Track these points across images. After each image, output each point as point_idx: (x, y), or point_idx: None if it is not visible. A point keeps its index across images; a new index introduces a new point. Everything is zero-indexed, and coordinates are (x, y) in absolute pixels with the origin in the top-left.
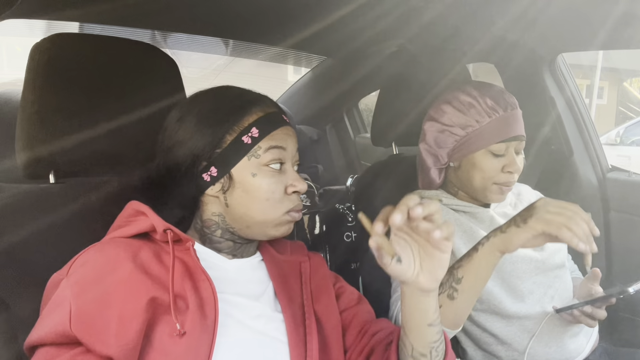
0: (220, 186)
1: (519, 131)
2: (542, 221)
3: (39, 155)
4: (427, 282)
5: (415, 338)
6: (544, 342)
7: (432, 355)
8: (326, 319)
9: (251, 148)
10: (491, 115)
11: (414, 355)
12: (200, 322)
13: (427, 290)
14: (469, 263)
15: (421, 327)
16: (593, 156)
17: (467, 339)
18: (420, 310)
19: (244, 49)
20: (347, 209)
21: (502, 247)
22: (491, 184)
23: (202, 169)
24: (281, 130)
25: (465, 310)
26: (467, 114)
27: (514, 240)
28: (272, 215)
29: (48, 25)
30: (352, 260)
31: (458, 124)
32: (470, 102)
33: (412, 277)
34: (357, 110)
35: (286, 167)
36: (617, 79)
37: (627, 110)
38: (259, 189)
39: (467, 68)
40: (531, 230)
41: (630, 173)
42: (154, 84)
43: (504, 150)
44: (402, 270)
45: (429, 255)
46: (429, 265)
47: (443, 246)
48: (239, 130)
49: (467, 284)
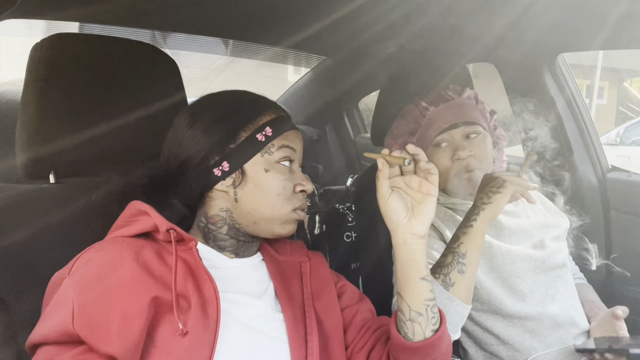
0: (232, 181)
1: (458, 118)
2: (512, 186)
3: (39, 155)
4: (418, 225)
5: (411, 295)
6: (546, 344)
7: (428, 315)
8: (327, 317)
9: (264, 145)
10: (425, 114)
11: (412, 317)
12: (203, 322)
13: (418, 233)
14: (468, 238)
15: (415, 280)
16: (593, 156)
17: (468, 339)
18: (413, 262)
19: (244, 49)
20: (347, 209)
21: (491, 214)
22: (452, 176)
23: (214, 163)
24: (292, 133)
25: (473, 281)
26: (408, 119)
27: (500, 205)
28: (280, 211)
29: (48, 25)
30: (352, 260)
31: (407, 131)
32: (410, 109)
33: (404, 219)
34: (357, 110)
35: (294, 167)
36: (617, 79)
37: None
38: (271, 183)
39: (467, 68)
40: (508, 193)
41: (630, 173)
42: (154, 84)
43: (449, 140)
44: (396, 207)
45: (419, 202)
46: (419, 209)
47: (432, 187)
48: (253, 128)
49: (472, 256)
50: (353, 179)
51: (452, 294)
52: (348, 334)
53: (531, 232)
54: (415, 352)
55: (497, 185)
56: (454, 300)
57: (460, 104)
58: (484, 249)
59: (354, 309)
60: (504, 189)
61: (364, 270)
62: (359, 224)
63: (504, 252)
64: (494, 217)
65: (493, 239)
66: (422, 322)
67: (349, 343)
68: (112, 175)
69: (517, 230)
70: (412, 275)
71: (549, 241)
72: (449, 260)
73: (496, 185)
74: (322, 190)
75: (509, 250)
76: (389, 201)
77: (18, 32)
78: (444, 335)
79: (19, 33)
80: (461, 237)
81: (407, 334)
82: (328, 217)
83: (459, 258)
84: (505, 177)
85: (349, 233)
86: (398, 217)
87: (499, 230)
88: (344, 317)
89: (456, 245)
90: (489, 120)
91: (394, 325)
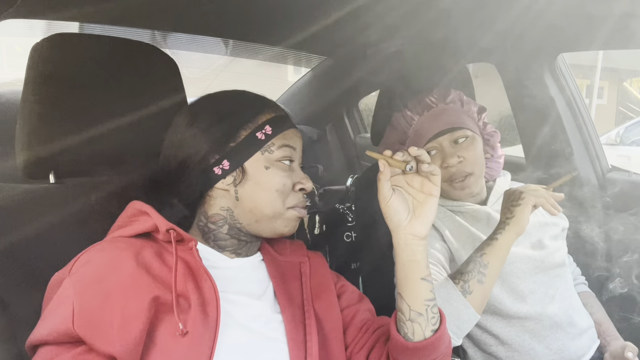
0: (232, 179)
1: (443, 126)
2: (532, 197)
3: (38, 155)
4: (419, 226)
5: (411, 296)
6: (545, 344)
7: (428, 315)
8: (326, 317)
9: (265, 144)
10: (411, 123)
11: (412, 317)
12: (202, 322)
13: (419, 234)
14: (492, 250)
15: (416, 281)
16: (593, 156)
17: (467, 339)
18: (414, 262)
19: (244, 49)
20: (347, 209)
21: (517, 228)
22: (445, 183)
23: (214, 162)
24: (292, 132)
25: (489, 291)
26: (397, 129)
27: (523, 217)
28: (280, 207)
29: (48, 25)
30: (352, 260)
31: (397, 140)
32: (398, 118)
33: (405, 220)
34: (357, 110)
35: (294, 165)
36: (617, 79)
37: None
38: (271, 180)
39: (467, 68)
40: (527, 204)
41: (630, 173)
42: (154, 84)
43: (438, 147)
44: (398, 208)
45: (421, 202)
46: (421, 210)
47: (434, 187)
48: (253, 126)
49: (493, 267)
50: (353, 179)
51: (469, 302)
52: (347, 334)
53: (529, 231)
54: (415, 352)
55: (516, 198)
56: (470, 309)
57: (445, 109)
58: None
59: (354, 309)
60: (522, 200)
61: (364, 270)
62: (359, 224)
63: None
64: (520, 230)
65: None
66: (422, 322)
67: (348, 343)
68: (112, 175)
69: None
70: (412, 276)
71: (547, 240)
72: (470, 268)
73: (515, 198)
74: (322, 190)
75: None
76: (391, 202)
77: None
78: (444, 336)
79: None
80: (485, 248)
81: (407, 333)
82: (328, 217)
83: (480, 268)
84: (522, 189)
85: (349, 233)
86: (399, 218)
87: None
88: (344, 317)
89: (479, 255)
90: (477, 120)
91: (393, 325)
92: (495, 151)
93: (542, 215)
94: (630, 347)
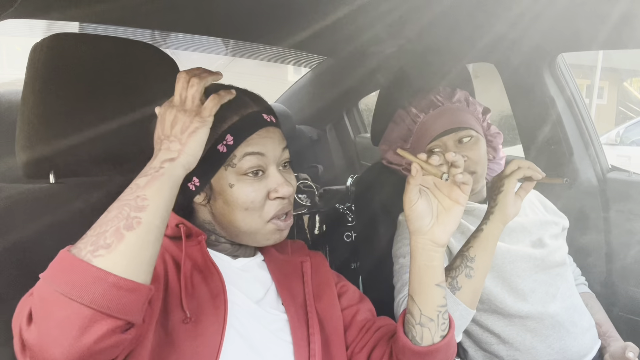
0: (205, 195)
1: (448, 125)
2: (510, 179)
3: (39, 155)
4: (441, 234)
5: (423, 300)
6: (546, 344)
7: (439, 321)
8: (328, 317)
9: (227, 157)
10: (416, 121)
11: (422, 322)
12: (210, 313)
13: (439, 242)
14: (478, 242)
15: (430, 286)
16: (593, 156)
17: (468, 339)
18: (430, 268)
19: (244, 49)
20: (347, 209)
21: (502, 216)
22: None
23: (187, 177)
24: (258, 134)
25: (480, 286)
26: (401, 125)
27: (506, 203)
28: (255, 225)
29: (48, 25)
30: (352, 260)
31: (401, 137)
32: (401, 115)
33: (427, 226)
34: (357, 110)
35: (269, 171)
36: (617, 79)
37: (627, 110)
38: (237, 199)
39: (467, 68)
40: (509, 187)
41: (630, 173)
42: (154, 84)
43: (442, 146)
44: (422, 213)
45: (446, 209)
46: (444, 218)
47: (462, 196)
48: (213, 138)
49: (480, 261)
50: (353, 179)
51: (458, 298)
52: (348, 334)
53: (530, 229)
54: (422, 356)
55: (498, 185)
56: (460, 305)
57: (450, 108)
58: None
59: (354, 309)
60: (503, 186)
61: (364, 270)
62: (359, 224)
63: (504, 251)
64: (505, 218)
65: None
66: (432, 328)
67: (349, 343)
68: (112, 175)
69: (515, 227)
70: (427, 281)
71: (547, 239)
72: (457, 264)
73: (497, 185)
74: (322, 190)
75: (508, 249)
76: (416, 206)
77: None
78: (452, 341)
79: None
80: (471, 241)
81: (415, 337)
82: (328, 217)
83: (467, 262)
84: (501, 174)
85: (349, 233)
86: (422, 223)
87: None
88: (344, 317)
89: (466, 248)
90: (482, 121)
91: (401, 327)
92: (497, 153)
93: (542, 214)
94: (631, 347)
